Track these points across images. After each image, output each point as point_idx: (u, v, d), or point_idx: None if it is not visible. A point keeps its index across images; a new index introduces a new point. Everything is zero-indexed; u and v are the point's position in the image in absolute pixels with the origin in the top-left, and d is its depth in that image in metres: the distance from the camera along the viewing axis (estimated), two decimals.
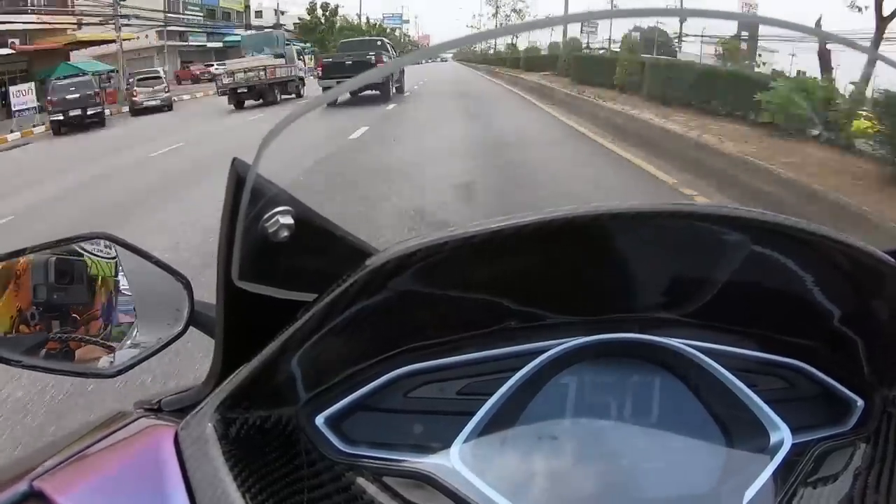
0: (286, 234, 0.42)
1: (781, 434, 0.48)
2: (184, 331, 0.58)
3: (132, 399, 0.54)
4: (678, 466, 0.49)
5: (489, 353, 0.49)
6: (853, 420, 0.51)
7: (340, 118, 10.65)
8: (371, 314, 0.44)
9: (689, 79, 8.81)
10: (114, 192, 6.94)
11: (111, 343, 0.62)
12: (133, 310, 0.63)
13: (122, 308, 0.63)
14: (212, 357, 0.46)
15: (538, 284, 0.48)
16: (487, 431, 0.48)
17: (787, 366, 0.52)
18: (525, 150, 7.11)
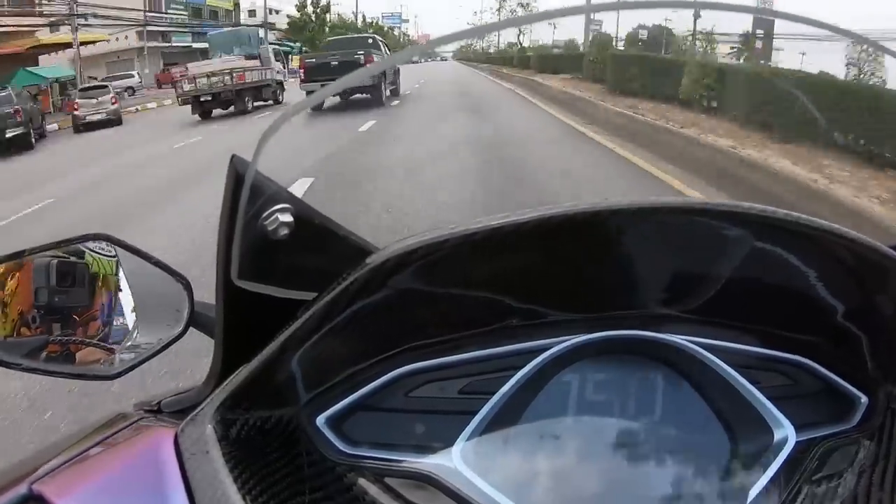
0: (286, 233, 0.42)
1: (785, 431, 0.48)
2: (184, 332, 0.58)
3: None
4: (681, 464, 0.49)
5: (490, 352, 0.49)
6: (857, 417, 0.51)
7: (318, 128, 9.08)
8: (371, 313, 0.43)
9: (823, 99, 5.63)
10: None
11: (111, 345, 0.62)
12: (133, 311, 0.63)
13: (123, 309, 0.63)
14: (212, 357, 0.45)
15: (539, 282, 0.48)
16: (489, 430, 0.48)
17: (791, 362, 0.51)
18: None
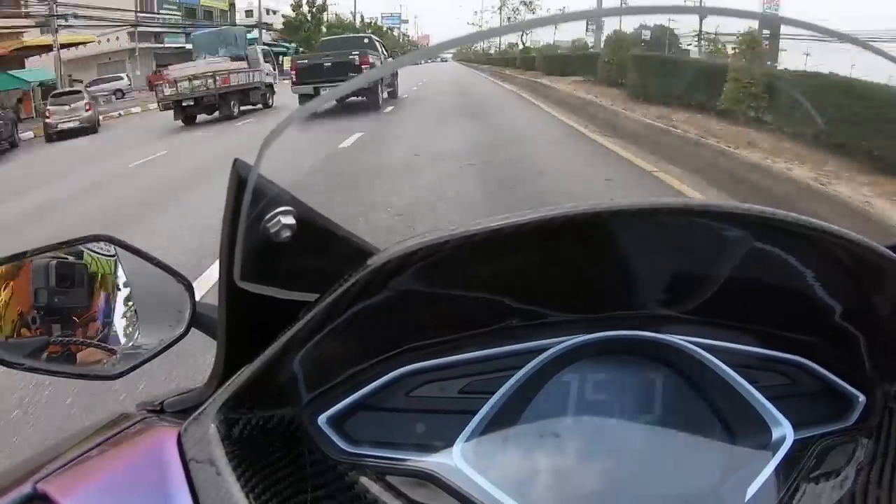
0: (288, 235, 0.42)
1: (783, 430, 0.48)
2: (185, 332, 0.58)
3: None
4: (680, 463, 0.49)
5: (491, 352, 0.49)
6: (855, 416, 0.51)
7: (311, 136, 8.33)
8: (372, 314, 0.44)
9: None
10: None
11: (112, 345, 0.62)
12: (134, 312, 0.63)
13: (124, 310, 0.63)
14: (214, 358, 0.46)
15: (539, 282, 0.48)
16: (490, 430, 0.48)
17: (789, 362, 0.52)
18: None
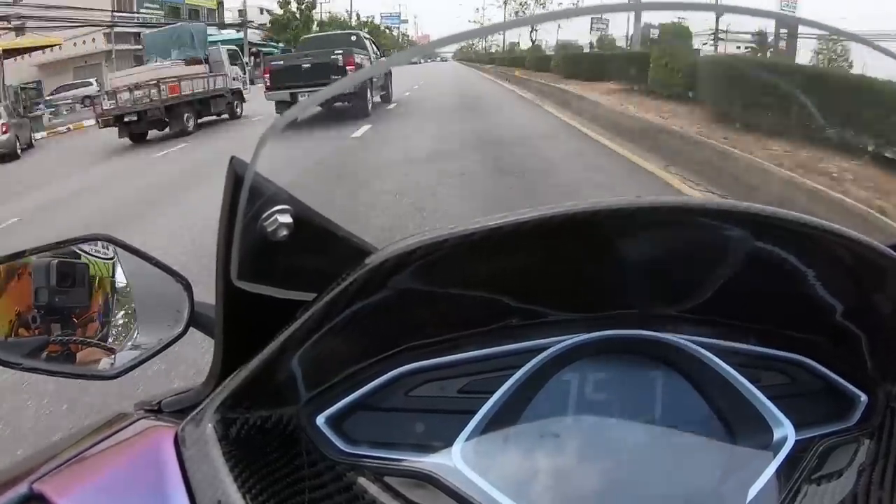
0: (285, 234, 0.42)
1: (785, 430, 0.48)
2: (184, 332, 0.58)
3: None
4: (681, 463, 0.49)
5: (490, 351, 0.49)
6: (857, 415, 0.51)
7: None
8: (371, 313, 0.44)
9: None
10: None
11: (112, 345, 0.62)
12: (133, 311, 0.63)
13: (122, 310, 0.63)
14: (212, 357, 0.45)
15: (539, 281, 0.48)
16: (489, 430, 0.48)
17: (790, 361, 0.51)
18: None
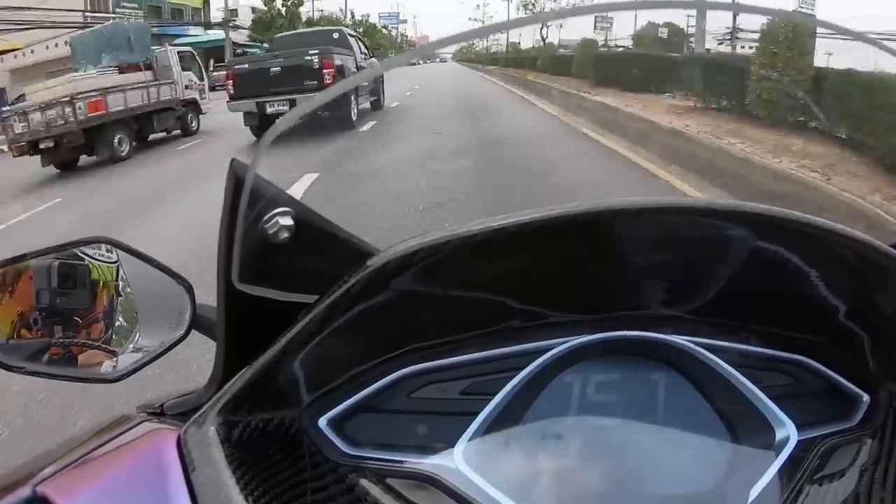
0: (286, 236, 0.42)
1: (787, 430, 0.48)
2: (186, 334, 0.58)
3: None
4: (683, 464, 0.49)
5: (492, 353, 0.49)
6: (859, 415, 0.51)
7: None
8: (373, 315, 0.44)
9: None
10: None
11: (114, 347, 0.62)
12: (135, 314, 0.63)
13: (124, 312, 0.63)
14: (213, 360, 0.45)
15: (541, 283, 0.48)
16: (491, 431, 0.48)
17: (793, 361, 0.51)
18: None
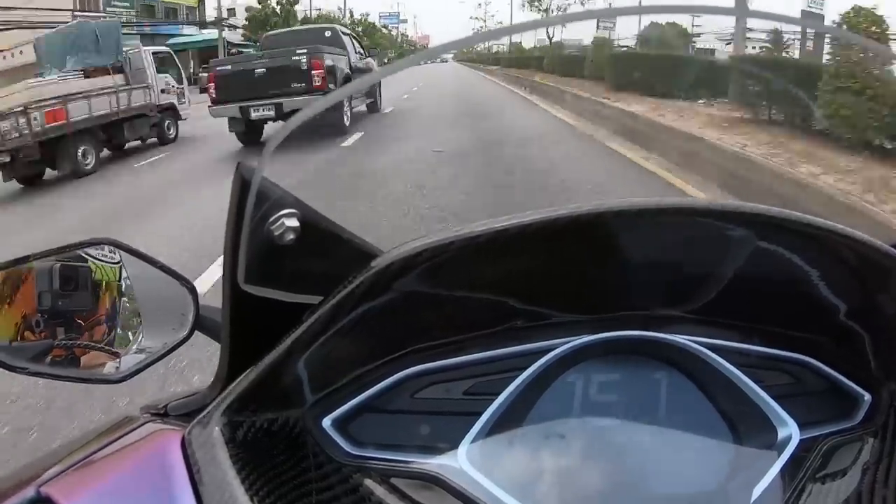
0: (292, 237, 0.42)
1: (789, 430, 0.48)
2: (189, 335, 0.58)
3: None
4: (686, 463, 0.49)
5: (495, 353, 0.49)
6: (860, 415, 0.51)
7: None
8: (377, 315, 0.44)
9: None
10: None
11: (116, 349, 0.62)
12: (138, 315, 0.63)
13: (127, 313, 0.63)
14: (218, 361, 0.46)
15: (543, 283, 0.48)
16: (495, 431, 0.48)
17: (794, 361, 0.51)
18: None
